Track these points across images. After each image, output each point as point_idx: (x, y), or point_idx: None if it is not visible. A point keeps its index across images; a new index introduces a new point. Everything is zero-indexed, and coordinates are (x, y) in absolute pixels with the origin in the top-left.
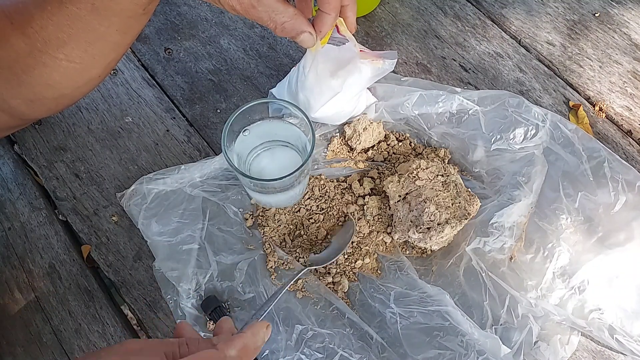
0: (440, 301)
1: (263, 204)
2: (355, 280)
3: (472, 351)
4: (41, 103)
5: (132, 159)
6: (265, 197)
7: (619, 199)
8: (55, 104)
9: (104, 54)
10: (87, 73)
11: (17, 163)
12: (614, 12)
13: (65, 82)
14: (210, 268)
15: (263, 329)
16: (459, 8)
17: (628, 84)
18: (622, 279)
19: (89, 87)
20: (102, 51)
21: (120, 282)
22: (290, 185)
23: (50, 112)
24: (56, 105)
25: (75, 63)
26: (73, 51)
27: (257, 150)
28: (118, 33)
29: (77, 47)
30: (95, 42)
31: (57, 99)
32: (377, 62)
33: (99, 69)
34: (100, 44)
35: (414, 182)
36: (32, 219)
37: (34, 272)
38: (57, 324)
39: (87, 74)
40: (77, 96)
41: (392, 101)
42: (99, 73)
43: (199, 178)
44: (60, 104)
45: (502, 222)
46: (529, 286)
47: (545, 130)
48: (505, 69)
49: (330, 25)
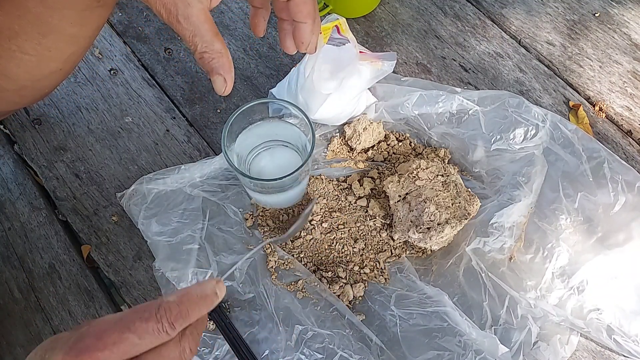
0: (439, 302)
1: (263, 204)
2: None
3: (469, 351)
4: (3, 96)
5: (132, 159)
6: (265, 197)
7: (618, 200)
8: (19, 97)
9: (60, 47)
10: (45, 66)
11: (17, 163)
12: (613, 12)
13: (23, 74)
14: (210, 268)
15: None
16: (459, 8)
17: (628, 84)
18: (621, 279)
19: (52, 80)
20: (57, 44)
21: (120, 282)
22: (290, 186)
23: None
24: (20, 97)
25: (30, 55)
26: (25, 43)
27: (257, 150)
28: (73, 26)
29: (29, 39)
30: (48, 34)
31: (18, 91)
32: (377, 64)
33: (58, 62)
34: (54, 37)
35: (414, 182)
36: (32, 219)
37: (34, 272)
38: (57, 324)
39: (46, 66)
40: (40, 89)
41: (392, 101)
42: (59, 66)
43: (199, 178)
44: (24, 97)
45: (501, 222)
46: (529, 286)
47: (545, 131)
48: (505, 69)
49: (310, 32)
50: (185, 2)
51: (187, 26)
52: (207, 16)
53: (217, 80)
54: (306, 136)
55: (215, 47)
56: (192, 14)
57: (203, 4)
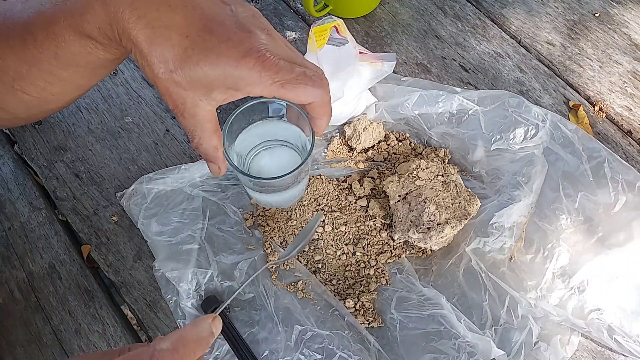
0: (437, 304)
1: (263, 203)
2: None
3: (463, 353)
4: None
5: (132, 159)
6: (264, 196)
7: (619, 199)
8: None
9: (65, 93)
10: (45, 106)
11: (17, 163)
12: (613, 12)
13: (21, 109)
14: (210, 268)
15: (208, 320)
16: (459, 8)
17: (628, 84)
18: (621, 279)
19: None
20: (63, 91)
21: (120, 282)
22: (289, 185)
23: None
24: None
25: (32, 96)
26: (30, 86)
27: (257, 150)
28: (83, 79)
29: (34, 84)
30: (55, 83)
31: (11, 120)
32: (377, 64)
33: (59, 103)
34: (61, 85)
35: (414, 182)
36: (32, 219)
37: (34, 272)
38: (57, 324)
39: (45, 106)
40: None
41: (392, 101)
42: (59, 106)
43: (199, 178)
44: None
45: (502, 222)
46: (529, 286)
47: (545, 130)
48: (505, 69)
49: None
50: (195, 102)
51: (191, 122)
52: (212, 116)
53: (211, 167)
54: (306, 136)
55: (212, 143)
56: (198, 113)
57: (212, 106)
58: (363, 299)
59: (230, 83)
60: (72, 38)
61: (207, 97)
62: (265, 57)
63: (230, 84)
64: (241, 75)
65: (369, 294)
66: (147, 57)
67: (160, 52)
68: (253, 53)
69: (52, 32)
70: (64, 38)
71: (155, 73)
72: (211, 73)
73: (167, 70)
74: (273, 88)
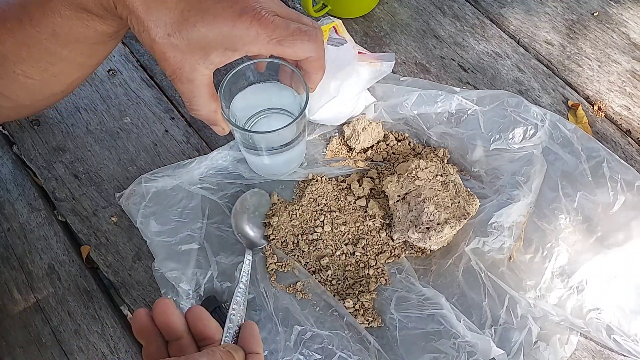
0: (437, 304)
1: (262, 171)
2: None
3: (463, 353)
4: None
5: (131, 159)
6: (263, 159)
7: (617, 199)
8: (16, 113)
9: (67, 73)
10: (47, 89)
11: (16, 164)
12: (612, 12)
13: (24, 95)
14: (210, 268)
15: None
16: (457, 8)
17: (627, 83)
18: (620, 278)
19: (51, 101)
20: (65, 71)
21: (120, 283)
22: (288, 145)
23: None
24: (16, 114)
25: (34, 79)
26: (31, 69)
27: (254, 119)
28: (83, 56)
29: (35, 66)
30: (56, 63)
31: (15, 108)
32: (375, 64)
33: (62, 86)
34: (62, 65)
35: (413, 182)
36: (31, 219)
37: (33, 273)
38: (56, 324)
39: (48, 90)
40: (38, 108)
41: (391, 101)
42: (62, 89)
43: (197, 176)
44: (20, 113)
45: (501, 222)
46: (528, 286)
47: (544, 130)
48: (504, 68)
49: (320, 79)
50: (192, 66)
51: (188, 87)
52: (209, 80)
53: (216, 129)
54: (299, 93)
55: (211, 107)
56: (196, 78)
57: (209, 70)
58: (362, 299)
59: (227, 43)
60: (68, 12)
61: (205, 60)
62: (261, 15)
63: (227, 45)
64: (238, 35)
65: (368, 294)
66: (143, 22)
67: (157, 16)
68: (248, 12)
69: (48, 8)
70: (60, 13)
71: (153, 37)
72: (209, 34)
73: (165, 34)
74: (270, 46)
